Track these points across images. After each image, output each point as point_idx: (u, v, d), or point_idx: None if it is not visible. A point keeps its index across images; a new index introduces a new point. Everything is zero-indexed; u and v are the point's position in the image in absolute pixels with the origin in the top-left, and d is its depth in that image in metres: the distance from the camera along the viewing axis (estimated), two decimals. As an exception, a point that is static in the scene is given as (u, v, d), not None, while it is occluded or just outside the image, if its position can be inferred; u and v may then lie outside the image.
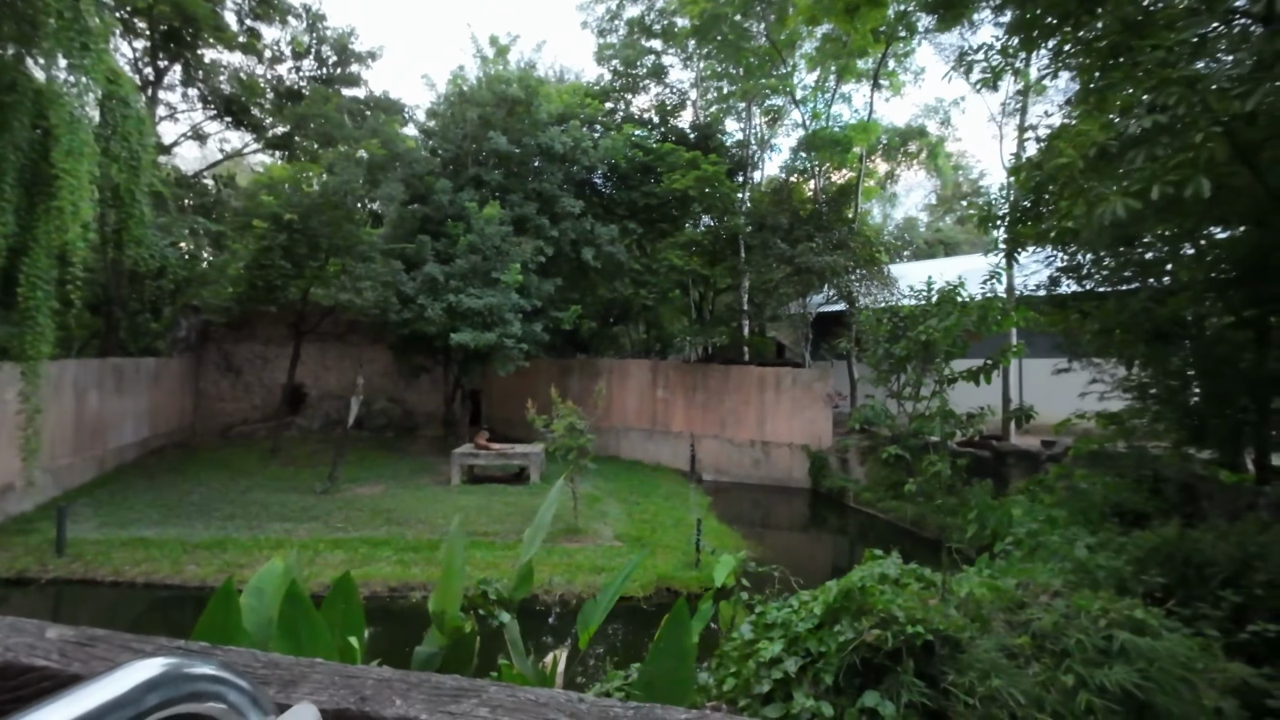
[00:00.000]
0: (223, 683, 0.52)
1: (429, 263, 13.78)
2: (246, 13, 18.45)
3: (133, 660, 0.49)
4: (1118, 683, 2.39)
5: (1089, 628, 2.64)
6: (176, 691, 0.49)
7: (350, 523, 10.98)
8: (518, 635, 3.02)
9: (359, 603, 2.82)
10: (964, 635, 2.60)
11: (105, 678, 0.47)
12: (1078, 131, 5.05)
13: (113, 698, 0.46)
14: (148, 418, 16.43)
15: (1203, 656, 2.97)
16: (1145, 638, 2.57)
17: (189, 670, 0.51)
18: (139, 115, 10.95)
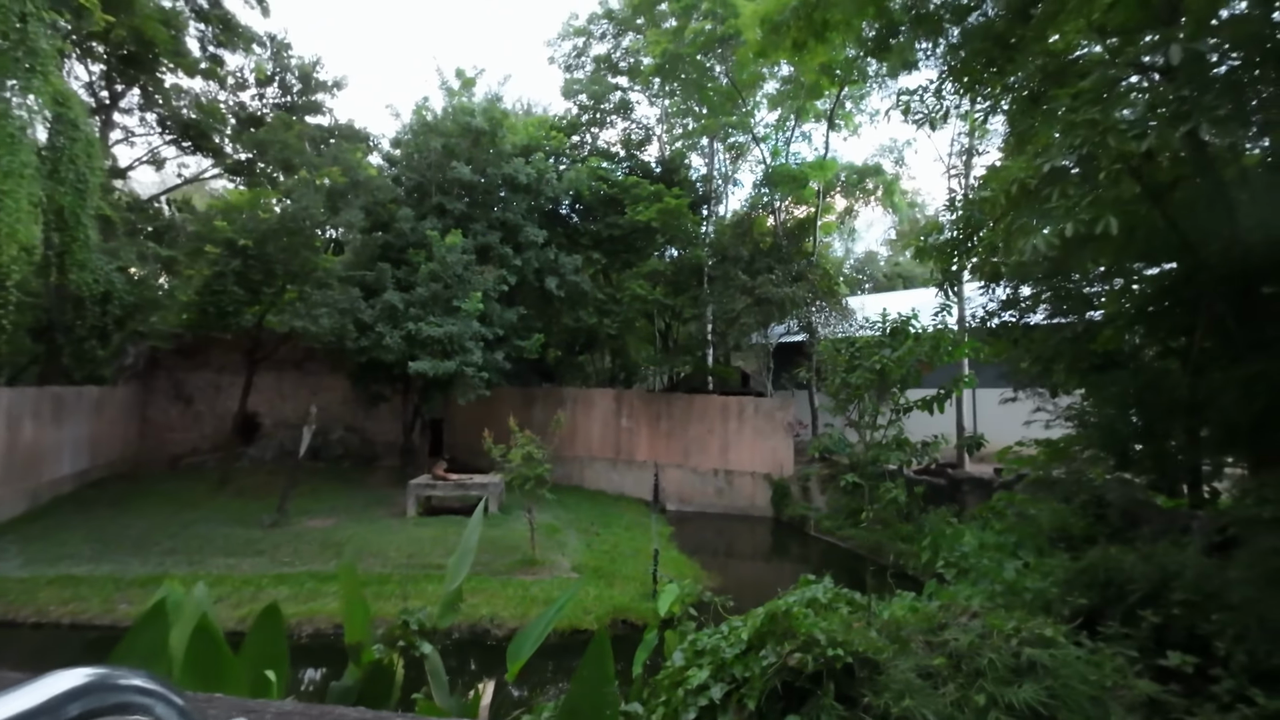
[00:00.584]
0: (152, 695, 0.49)
1: (389, 290, 13.66)
2: (210, 39, 18.43)
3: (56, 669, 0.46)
4: (1025, 701, 2.44)
5: (1002, 647, 2.70)
6: (101, 703, 0.46)
7: (298, 557, 10.60)
8: (439, 666, 2.96)
9: (283, 637, 2.73)
10: (882, 657, 2.64)
11: (23, 687, 0.44)
12: (1005, 170, 5.33)
13: (30, 707, 0.43)
14: (88, 448, 15.72)
15: (1113, 674, 3.06)
16: (1054, 654, 2.64)
17: (117, 681, 0.48)
18: (88, 138, 10.75)
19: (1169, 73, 4.52)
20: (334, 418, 21.03)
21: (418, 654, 2.90)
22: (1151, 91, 3.90)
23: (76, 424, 15.15)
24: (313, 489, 15.55)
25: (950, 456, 16.39)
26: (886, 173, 23.20)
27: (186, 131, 14.81)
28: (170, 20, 14.61)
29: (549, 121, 18.95)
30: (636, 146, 21.90)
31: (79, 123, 10.61)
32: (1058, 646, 2.68)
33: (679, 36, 16.58)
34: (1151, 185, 5.05)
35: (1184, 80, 3.87)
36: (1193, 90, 3.91)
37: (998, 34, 5.20)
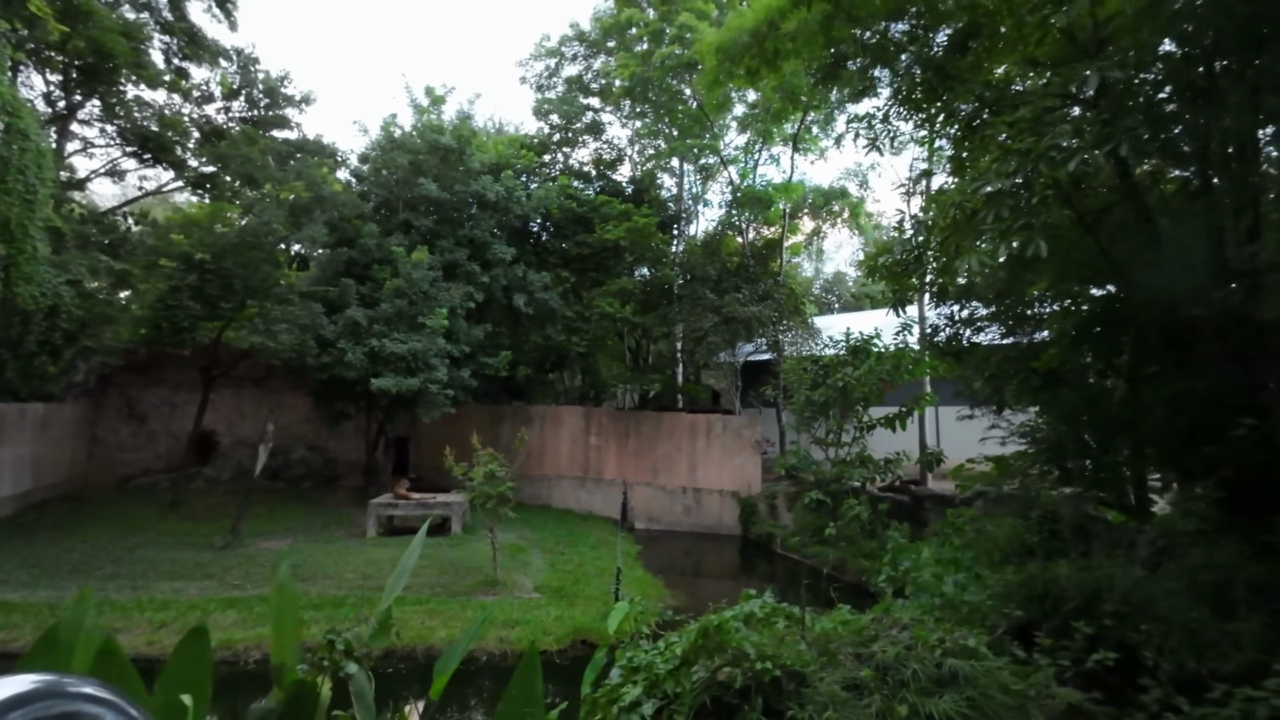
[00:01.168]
0: (104, 704, 0.46)
1: (353, 306, 13.48)
2: (175, 51, 18.19)
3: None
4: (945, 711, 2.48)
5: (926, 658, 2.74)
6: (47, 711, 0.43)
7: (249, 580, 10.26)
8: (364, 687, 2.88)
9: (209, 662, 2.64)
10: (809, 670, 2.66)
11: None
12: (946, 194, 5.52)
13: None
14: (30, 468, 15.08)
15: (1036, 684, 3.12)
16: (975, 665, 2.68)
17: (66, 688, 0.45)
18: (39, 149, 10.47)
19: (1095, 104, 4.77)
20: (295, 437, 20.55)
21: (342, 674, 2.82)
22: (1075, 120, 4.09)
23: (17, 443, 14.54)
24: (270, 509, 15.12)
25: (915, 473, 16.63)
26: (852, 195, 23.77)
27: (146, 144, 14.51)
28: (131, 32, 14.40)
29: (520, 140, 19.06)
30: (608, 166, 22.11)
31: (29, 133, 10.34)
32: (980, 657, 2.73)
33: (647, 60, 16.87)
34: (1084, 212, 5.28)
35: (1105, 107, 4.07)
36: (1112, 115, 4.12)
37: (938, 64, 5.41)
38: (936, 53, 5.51)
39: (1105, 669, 4.08)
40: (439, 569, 11.19)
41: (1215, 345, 4.42)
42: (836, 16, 5.60)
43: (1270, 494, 4.28)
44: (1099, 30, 5.00)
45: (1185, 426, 4.48)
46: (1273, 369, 4.07)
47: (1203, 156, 4.74)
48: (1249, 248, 3.81)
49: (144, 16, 17.16)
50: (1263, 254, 3.69)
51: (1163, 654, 3.87)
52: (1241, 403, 4.19)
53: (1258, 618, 3.82)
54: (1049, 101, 4.86)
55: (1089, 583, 4.37)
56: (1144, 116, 4.43)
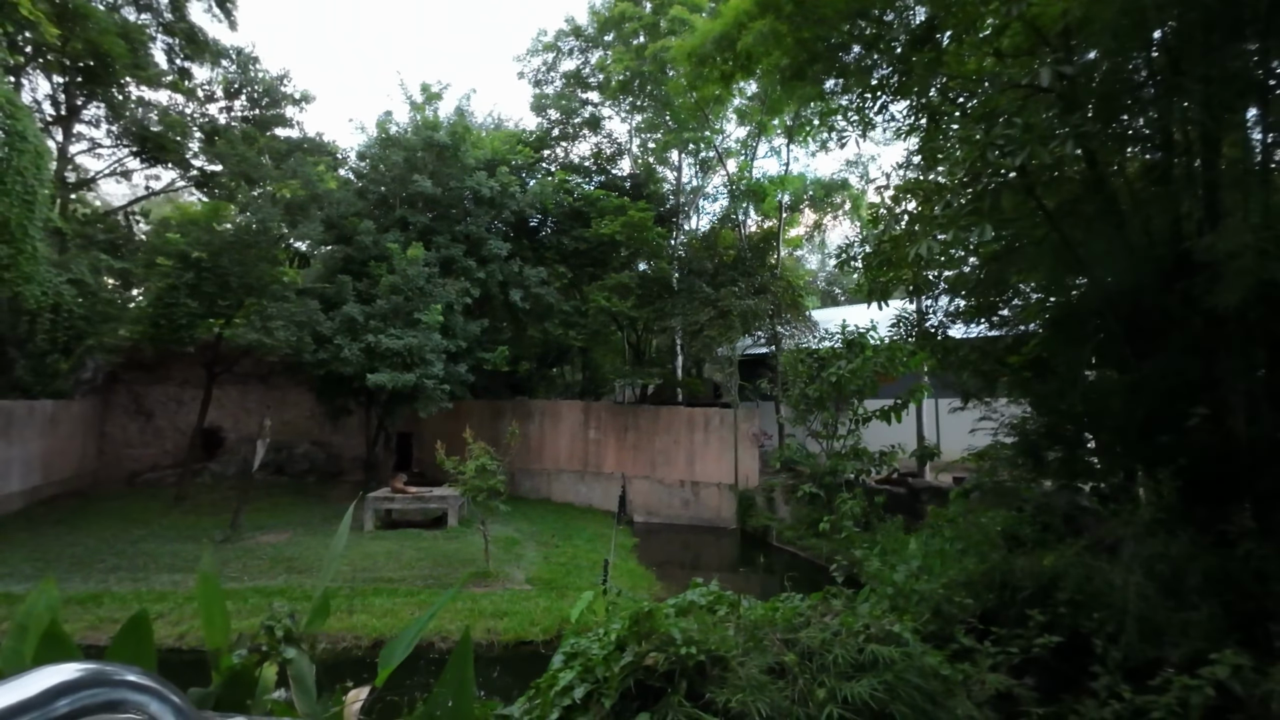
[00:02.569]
0: (146, 691, 0.48)
1: (349, 303, 13.63)
2: (177, 52, 18.41)
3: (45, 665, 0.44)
4: (860, 694, 2.53)
5: (849, 643, 2.79)
6: (93, 699, 0.44)
7: (246, 572, 10.46)
8: (304, 671, 2.97)
9: (151, 646, 2.74)
10: (732, 655, 2.72)
11: (12, 681, 0.43)
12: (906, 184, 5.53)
13: (18, 701, 0.41)
14: (39, 464, 15.41)
15: (968, 670, 3.17)
16: (897, 651, 2.73)
17: (110, 676, 0.46)
18: (37, 150, 10.68)
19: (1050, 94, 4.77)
20: (300, 432, 20.83)
21: (281, 659, 2.91)
22: (1025, 112, 4.09)
23: (27, 440, 14.86)
24: (273, 504, 15.37)
25: (911, 466, 16.61)
26: (853, 187, 23.63)
27: (144, 144, 14.72)
28: (130, 33, 14.59)
29: (517, 136, 19.11)
30: (608, 161, 22.12)
31: (27, 134, 10.54)
32: (902, 643, 2.77)
33: (641, 54, 16.85)
34: (1060, 201, 5.26)
35: (1055, 100, 4.07)
36: (1063, 108, 4.12)
37: (901, 59, 5.40)
38: (898, 49, 5.50)
39: (1060, 657, 4.12)
40: (433, 561, 11.35)
41: (1175, 336, 4.42)
42: (802, 18, 5.61)
43: (1227, 485, 4.27)
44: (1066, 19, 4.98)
45: (1143, 417, 4.48)
46: (1228, 360, 4.06)
47: (1165, 145, 4.72)
48: (1207, 237, 3.80)
49: (145, 18, 17.42)
50: (1221, 244, 3.68)
51: (1113, 642, 3.89)
52: (1197, 394, 4.19)
53: (1207, 607, 3.83)
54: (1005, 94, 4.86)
55: (1044, 572, 4.39)
56: (1100, 107, 4.42)
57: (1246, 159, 4.10)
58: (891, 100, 5.74)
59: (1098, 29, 4.81)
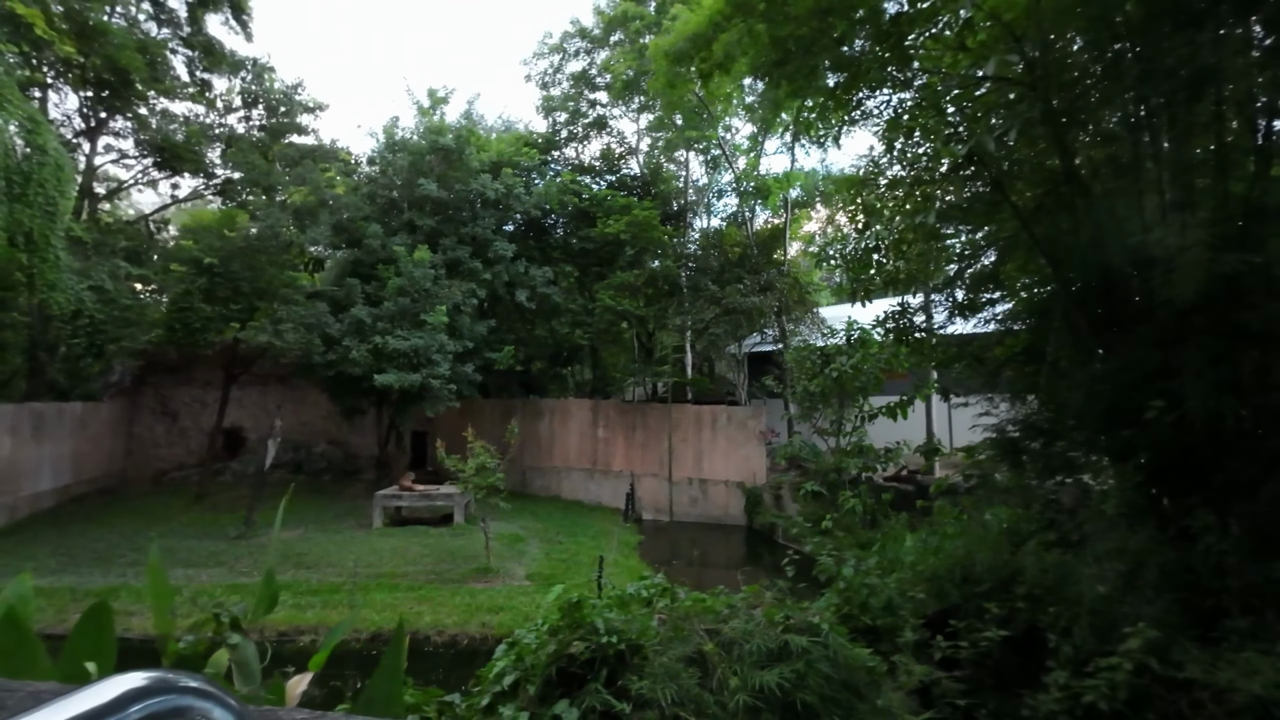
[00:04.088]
0: (209, 697, 0.50)
1: (358, 305, 13.96)
2: (197, 64, 19.00)
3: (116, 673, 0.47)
4: (770, 682, 2.60)
5: (768, 634, 2.85)
6: (161, 705, 0.46)
7: (256, 568, 10.81)
8: (248, 656, 3.12)
9: (111, 633, 2.91)
10: (651, 644, 2.80)
11: (85, 689, 0.45)
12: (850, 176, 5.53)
13: (96, 706, 0.44)
14: (70, 464, 16.07)
15: (902, 660, 3.20)
16: (813, 641, 2.79)
17: (176, 683, 0.49)
18: (57, 163, 11.14)
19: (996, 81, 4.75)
20: (318, 432, 21.36)
21: (226, 644, 3.06)
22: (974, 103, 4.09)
23: (58, 440, 15.50)
24: (288, 501, 15.78)
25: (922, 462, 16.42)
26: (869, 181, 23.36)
27: (161, 153, 15.23)
28: (148, 48, 15.10)
29: (523, 138, 19.32)
30: (617, 160, 22.22)
31: (48, 148, 11.01)
32: (817, 634, 2.82)
33: (644, 54, 16.90)
34: (1027, 199, 5.23)
35: (1002, 91, 4.05)
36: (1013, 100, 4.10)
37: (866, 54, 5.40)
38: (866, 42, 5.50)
39: (1018, 651, 4.12)
40: (437, 557, 11.59)
41: (1138, 329, 4.36)
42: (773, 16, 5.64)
43: (1188, 478, 4.21)
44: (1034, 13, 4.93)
45: (1104, 410, 4.43)
46: (1185, 353, 4.00)
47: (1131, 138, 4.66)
48: (1158, 230, 3.75)
49: (165, 32, 18.02)
50: (1170, 237, 3.64)
51: (1064, 637, 3.88)
52: (1156, 386, 4.14)
53: (1162, 601, 3.80)
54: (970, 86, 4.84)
55: (1005, 566, 4.39)
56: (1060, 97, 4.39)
57: (1200, 150, 4.04)
58: (867, 96, 5.74)
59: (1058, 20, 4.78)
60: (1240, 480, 3.90)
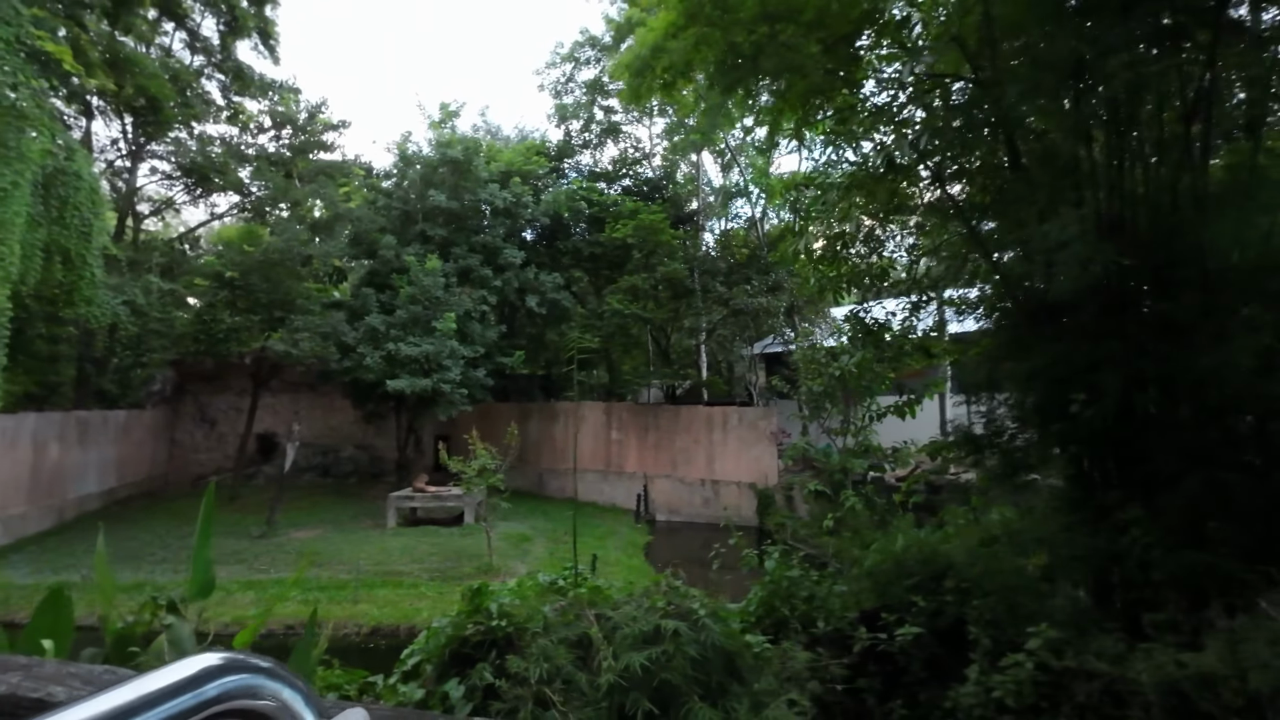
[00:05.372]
0: (280, 679, 0.51)
1: (372, 314, 14.52)
2: (229, 87, 20.03)
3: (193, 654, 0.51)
4: (638, 662, 2.76)
5: (649, 618, 3.01)
6: (235, 683, 0.48)
7: (274, 565, 11.37)
8: (181, 636, 3.42)
9: (70, 618, 3.25)
10: (531, 627, 3.00)
11: (168, 668, 0.47)
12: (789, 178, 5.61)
13: (177, 680, 0.46)
14: (114, 468, 17.08)
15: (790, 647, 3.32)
16: (689, 625, 2.94)
17: (248, 662, 0.50)
18: (91, 187, 11.95)
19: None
20: (345, 436, 22.17)
21: (161, 625, 3.37)
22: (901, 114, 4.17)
23: (103, 446, 16.52)
24: (312, 503, 16.50)
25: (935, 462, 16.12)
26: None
27: (191, 174, 16.13)
28: (179, 76, 16.02)
29: (534, 146, 19.75)
30: (632, 165, 22.49)
31: (83, 174, 11.82)
32: (692, 618, 2.97)
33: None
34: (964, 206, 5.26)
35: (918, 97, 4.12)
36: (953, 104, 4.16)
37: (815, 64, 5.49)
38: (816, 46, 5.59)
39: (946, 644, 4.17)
40: (443, 556, 11.98)
41: (1064, 323, 4.36)
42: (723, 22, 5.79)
43: (1115, 471, 4.18)
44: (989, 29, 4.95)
45: (1037, 404, 4.43)
46: (1106, 346, 3.99)
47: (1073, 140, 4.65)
48: (1043, 226, 3.78)
49: (199, 60, 19.08)
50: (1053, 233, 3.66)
51: (984, 629, 3.92)
52: (1081, 380, 4.13)
53: (1080, 593, 3.81)
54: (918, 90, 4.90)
55: (938, 560, 4.43)
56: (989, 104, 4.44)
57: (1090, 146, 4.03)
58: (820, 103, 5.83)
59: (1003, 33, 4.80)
60: (1164, 473, 3.87)
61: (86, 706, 0.42)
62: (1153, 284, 3.98)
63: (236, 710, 0.48)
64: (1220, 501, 3.54)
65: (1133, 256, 4.00)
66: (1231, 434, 3.63)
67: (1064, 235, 3.39)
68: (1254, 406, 3.56)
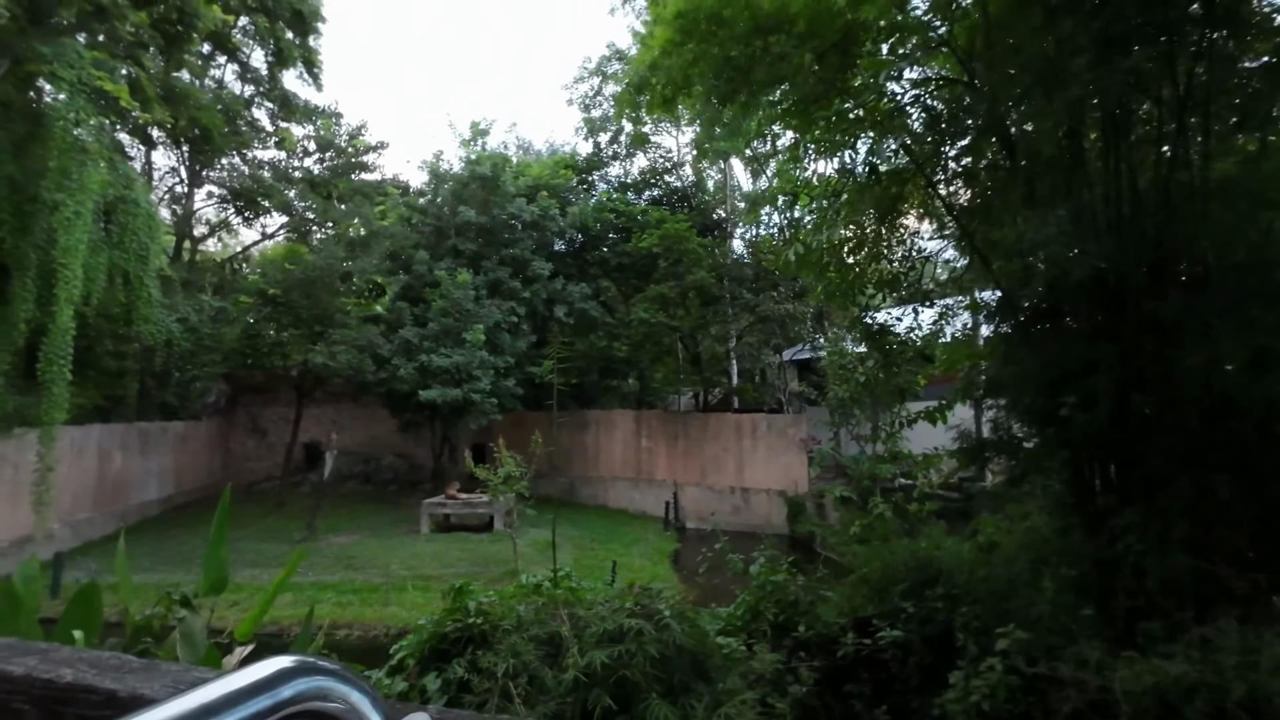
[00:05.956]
0: (349, 681, 0.52)
1: (406, 326, 15.07)
2: (277, 114, 21.16)
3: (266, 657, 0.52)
4: (599, 660, 2.89)
5: (614, 618, 3.13)
6: (307, 684, 0.49)
7: (312, 568, 11.89)
8: (193, 630, 3.70)
9: (99, 610, 3.58)
10: (503, 625, 3.15)
11: (245, 669, 0.49)
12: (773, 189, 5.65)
13: (253, 681, 0.48)
14: (173, 476, 18.13)
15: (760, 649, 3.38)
16: (650, 625, 3.04)
17: (320, 664, 0.52)
18: (148, 214, 12.82)
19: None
20: (385, 446, 22.94)
21: (176, 619, 3.65)
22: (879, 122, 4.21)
23: (162, 455, 17.56)
24: (352, 509, 17.15)
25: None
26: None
27: (238, 197, 17.07)
28: (230, 106, 17.03)
29: (562, 160, 20.16)
30: (662, 175, 22.70)
31: (140, 201, 12.70)
32: (656, 618, 3.07)
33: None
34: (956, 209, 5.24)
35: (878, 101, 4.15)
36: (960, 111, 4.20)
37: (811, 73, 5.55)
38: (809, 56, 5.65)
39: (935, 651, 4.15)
40: (472, 561, 12.31)
41: (1058, 325, 4.30)
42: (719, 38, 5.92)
43: (1107, 475, 4.08)
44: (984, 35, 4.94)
45: (1030, 408, 4.36)
46: (1097, 348, 3.92)
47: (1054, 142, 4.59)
48: (1026, 227, 3.75)
49: (250, 89, 20.23)
50: (1030, 234, 3.64)
51: (970, 636, 3.89)
52: (1073, 383, 4.06)
53: (1063, 599, 3.75)
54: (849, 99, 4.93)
55: (927, 565, 4.41)
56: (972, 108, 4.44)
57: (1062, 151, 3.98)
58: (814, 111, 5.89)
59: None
60: (1157, 477, 3.77)
61: (171, 706, 0.44)
62: (1146, 283, 3.90)
63: (308, 712, 0.49)
64: (1213, 506, 3.44)
65: (1125, 255, 3.94)
66: (1225, 437, 3.53)
67: (1040, 236, 3.38)
68: (1246, 408, 3.46)
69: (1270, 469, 3.46)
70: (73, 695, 0.80)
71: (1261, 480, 3.46)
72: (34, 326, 11.15)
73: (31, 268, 10.72)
